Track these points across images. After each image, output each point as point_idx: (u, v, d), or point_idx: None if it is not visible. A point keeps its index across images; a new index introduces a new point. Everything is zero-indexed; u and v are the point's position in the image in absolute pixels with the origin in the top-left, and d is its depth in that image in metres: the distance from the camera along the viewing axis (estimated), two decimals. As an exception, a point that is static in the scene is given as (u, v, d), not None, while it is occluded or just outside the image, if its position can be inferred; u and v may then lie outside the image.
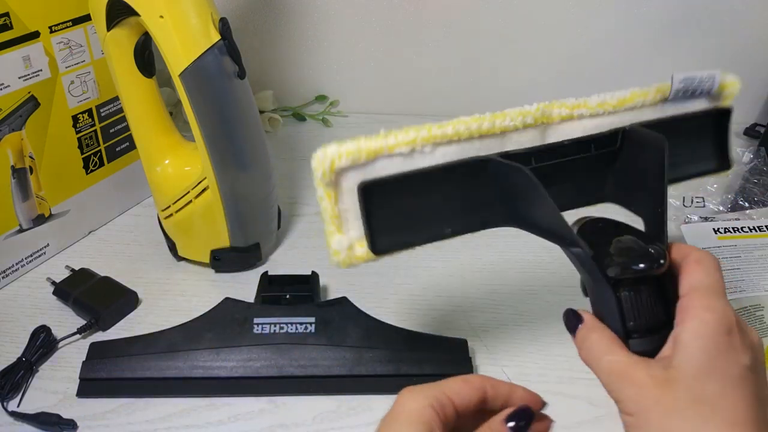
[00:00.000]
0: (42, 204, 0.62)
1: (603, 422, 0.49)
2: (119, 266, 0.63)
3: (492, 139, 0.38)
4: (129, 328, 0.57)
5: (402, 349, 0.52)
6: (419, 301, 0.61)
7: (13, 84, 0.56)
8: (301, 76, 0.91)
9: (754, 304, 0.56)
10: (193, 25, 0.50)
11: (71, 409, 0.50)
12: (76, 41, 0.60)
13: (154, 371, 0.51)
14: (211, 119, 0.53)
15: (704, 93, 0.42)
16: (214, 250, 0.61)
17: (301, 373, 0.51)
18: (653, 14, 0.83)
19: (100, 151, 0.66)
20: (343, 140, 0.35)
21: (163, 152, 0.60)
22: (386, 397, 0.51)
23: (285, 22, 0.86)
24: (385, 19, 0.85)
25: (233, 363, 0.51)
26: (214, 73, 0.52)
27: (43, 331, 0.54)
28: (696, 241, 0.62)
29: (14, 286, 0.61)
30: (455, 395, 0.32)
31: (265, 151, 0.59)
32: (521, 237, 0.44)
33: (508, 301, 0.60)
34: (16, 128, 0.58)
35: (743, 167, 0.77)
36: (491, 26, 0.85)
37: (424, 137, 0.37)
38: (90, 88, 0.63)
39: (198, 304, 0.57)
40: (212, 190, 0.57)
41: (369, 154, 0.36)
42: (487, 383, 0.33)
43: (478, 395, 0.32)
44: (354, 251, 0.38)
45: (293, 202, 0.74)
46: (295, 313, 0.54)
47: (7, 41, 0.55)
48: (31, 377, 0.52)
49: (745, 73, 0.47)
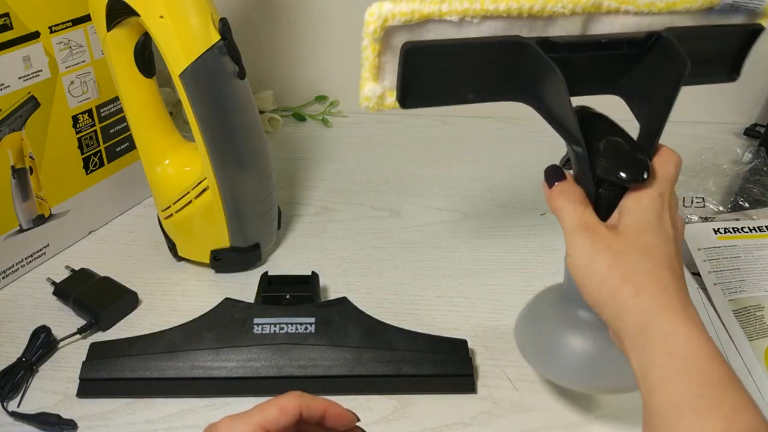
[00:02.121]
0: (42, 204, 0.62)
1: (603, 422, 0.49)
2: (119, 266, 0.63)
3: (538, 20, 0.40)
4: (129, 328, 0.57)
5: (402, 349, 0.52)
6: (419, 301, 0.61)
7: (13, 84, 0.56)
8: (301, 76, 0.91)
9: (754, 304, 0.56)
10: (193, 25, 0.50)
11: (71, 409, 0.50)
12: (76, 41, 0.60)
13: (154, 371, 0.51)
14: (211, 119, 0.53)
15: (749, 9, 0.44)
16: (214, 250, 0.61)
17: (301, 374, 0.51)
18: (653, 14, 0.83)
19: (100, 151, 0.66)
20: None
21: (163, 152, 0.60)
22: (386, 397, 0.51)
23: (285, 22, 0.86)
24: (385, 19, 0.85)
25: (233, 363, 0.51)
26: (214, 73, 0.52)
27: (43, 331, 0.54)
28: (696, 241, 0.62)
29: (14, 286, 0.61)
30: (271, 424, 0.32)
31: (265, 151, 0.59)
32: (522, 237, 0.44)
33: (508, 301, 0.60)
34: (16, 128, 0.58)
35: (743, 167, 0.77)
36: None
37: (476, 10, 0.38)
38: (90, 88, 0.63)
39: (198, 304, 0.57)
40: (212, 190, 0.57)
41: (421, 16, 0.37)
42: (303, 405, 0.33)
43: (294, 419, 0.33)
44: (384, 100, 0.41)
45: (293, 202, 0.74)
46: (295, 313, 0.54)
47: (7, 41, 0.55)
48: (31, 377, 0.52)
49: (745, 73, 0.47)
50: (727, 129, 0.90)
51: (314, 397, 0.34)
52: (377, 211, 0.73)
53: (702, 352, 0.34)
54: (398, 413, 0.50)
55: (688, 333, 0.34)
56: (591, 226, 0.39)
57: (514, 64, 0.41)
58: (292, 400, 0.33)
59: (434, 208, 0.73)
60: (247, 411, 0.33)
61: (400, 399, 0.51)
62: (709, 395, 0.32)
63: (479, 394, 0.51)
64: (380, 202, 0.74)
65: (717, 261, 0.60)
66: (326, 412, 0.34)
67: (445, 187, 0.77)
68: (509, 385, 0.52)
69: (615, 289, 0.37)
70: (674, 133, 0.90)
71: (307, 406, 0.33)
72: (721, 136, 0.88)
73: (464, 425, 0.49)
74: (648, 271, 0.37)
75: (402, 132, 0.89)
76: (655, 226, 0.38)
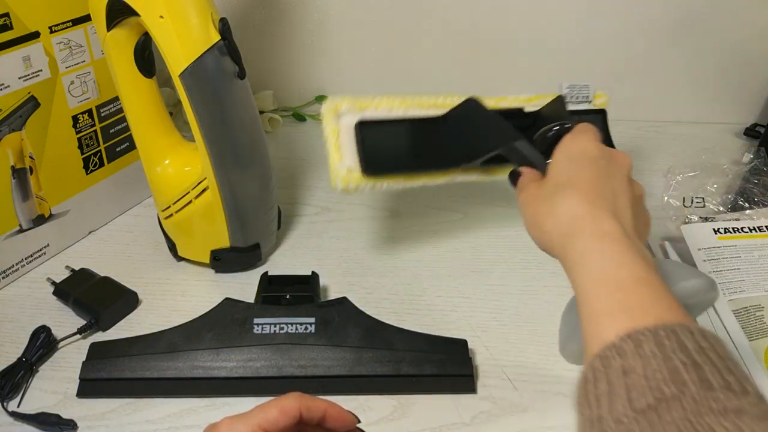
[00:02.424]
0: (42, 204, 0.62)
1: (603, 422, 0.49)
2: (119, 266, 0.63)
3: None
4: (129, 328, 0.57)
5: (402, 349, 0.52)
6: (419, 301, 0.61)
7: (13, 84, 0.56)
8: (301, 76, 0.91)
9: (754, 304, 0.56)
10: (193, 25, 0.50)
11: (71, 409, 0.50)
12: (76, 41, 0.60)
13: (154, 371, 0.51)
14: (211, 119, 0.53)
15: (584, 99, 0.60)
16: (214, 250, 0.61)
17: (301, 374, 0.51)
18: (653, 14, 0.83)
19: (100, 151, 0.66)
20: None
21: (163, 152, 0.60)
22: (386, 397, 0.51)
23: (285, 22, 0.86)
24: (385, 19, 0.85)
25: (233, 363, 0.51)
26: (214, 73, 0.52)
27: (43, 331, 0.54)
28: (696, 241, 0.62)
29: (14, 286, 0.62)
30: (271, 426, 0.32)
31: (265, 151, 0.59)
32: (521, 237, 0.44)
33: (508, 301, 0.60)
34: (16, 128, 0.58)
35: (743, 167, 0.77)
36: (491, 26, 0.85)
37: (398, 104, 0.55)
38: (90, 88, 0.63)
39: (198, 304, 0.57)
40: (212, 190, 0.57)
41: (361, 106, 0.54)
42: (303, 407, 0.33)
43: (294, 420, 0.33)
44: (351, 174, 0.52)
45: (293, 202, 0.74)
46: (295, 313, 0.54)
47: (7, 41, 0.55)
48: (31, 377, 0.52)
49: (745, 73, 0.47)
50: (727, 129, 0.90)
51: (314, 398, 0.34)
52: (377, 211, 0.73)
53: (613, 263, 0.37)
54: (398, 413, 0.50)
55: (600, 250, 0.38)
56: (523, 187, 0.46)
57: (440, 134, 0.55)
58: (292, 401, 0.33)
59: (434, 208, 0.73)
60: (247, 412, 0.33)
61: (400, 399, 0.51)
62: (618, 299, 0.35)
63: (479, 394, 0.51)
64: (380, 202, 0.74)
65: (717, 261, 0.60)
66: (326, 414, 0.34)
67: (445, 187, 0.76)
68: (509, 385, 0.52)
69: (543, 231, 0.42)
70: (675, 133, 0.91)
71: (307, 408, 0.33)
72: (721, 136, 0.88)
73: (464, 425, 0.49)
74: (561, 203, 0.41)
75: (402, 132, 0.89)
76: (577, 161, 0.44)
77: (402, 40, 0.87)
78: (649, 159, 0.83)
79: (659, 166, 0.79)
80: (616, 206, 0.41)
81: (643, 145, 0.86)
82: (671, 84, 0.89)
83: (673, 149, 0.85)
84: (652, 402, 0.29)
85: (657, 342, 0.31)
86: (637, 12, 0.82)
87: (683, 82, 0.89)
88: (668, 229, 0.68)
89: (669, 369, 0.30)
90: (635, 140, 0.87)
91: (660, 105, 0.91)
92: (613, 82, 0.89)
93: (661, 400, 0.29)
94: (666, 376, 0.30)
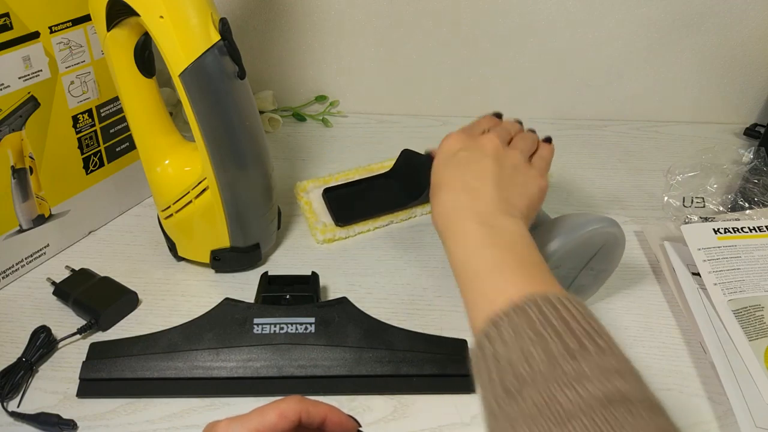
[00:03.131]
0: (42, 204, 0.62)
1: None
2: (119, 266, 0.63)
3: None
4: (129, 328, 0.57)
5: (402, 349, 0.52)
6: (419, 301, 0.61)
7: (13, 84, 0.56)
8: (301, 76, 0.91)
9: (754, 304, 0.56)
10: (193, 25, 0.50)
11: (71, 409, 0.50)
12: (76, 41, 0.60)
13: (154, 371, 0.51)
14: (211, 119, 0.53)
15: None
16: (214, 250, 0.61)
17: (301, 374, 0.51)
18: (653, 14, 0.83)
19: (100, 152, 0.66)
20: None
21: (163, 152, 0.60)
22: (386, 397, 0.51)
23: (285, 22, 0.86)
24: (385, 19, 0.85)
25: (233, 363, 0.51)
26: (214, 73, 0.52)
27: (43, 331, 0.54)
28: (696, 241, 0.62)
29: (14, 286, 0.62)
30: (269, 430, 0.32)
31: (265, 151, 0.59)
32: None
33: (508, 301, 0.60)
34: (16, 128, 0.58)
35: (743, 167, 0.77)
36: (492, 26, 0.85)
37: (352, 174, 0.76)
38: (90, 88, 0.63)
39: (198, 304, 0.57)
40: (212, 190, 0.57)
41: (324, 181, 0.74)
42: (303, 411, 0.33)
43: (293, 425, 0.33)
44: (326, 227, 0.68)
45: (293, 202, 0.74)
46: (295, 313, 0.54)
47: (7, 41, 0.55)
48: (31, 377, 0.52)
49: (745, 73, 0.47)
50: (727, 129, 0.90)
51: (315, 402, 0.34)
52: (377, 211, 0.73)
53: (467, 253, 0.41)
54: (398, 413, 0.50)
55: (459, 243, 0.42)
56: None
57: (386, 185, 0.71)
58: (292, 405, 0.33)
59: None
60: (246, 414, 0.32)
61: (400, 399, 0.51)
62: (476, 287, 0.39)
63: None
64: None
65: (717, 261, 0.60)
66: (327, 419, 0.34)
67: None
68: (509, 385, 0.52)
69: (437, 231, 0.46)
70: (675, 133, 0.90)
71: (306, 412, 0.33)
72: (721, 136, 0.88)
73: (464, 425, 0.49)
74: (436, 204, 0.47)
75: (402, 132, 0.89)
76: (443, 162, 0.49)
77: (402, 40, 0.87)
78: (649, 159, 0.83)
79: (659, 166, 0.79)
80: (480, 191, 0.45)
81: (643, 145, 0.86)
82: (671, 84, 0.89)
83: (673, 149, 0.85)
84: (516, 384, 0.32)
85: (511, 323, 0.34)
86: (637, 12, 0.82)
87: (683, 82, 0.89)
88: (668, 229, 0.68)
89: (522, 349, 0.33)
90: (635, 140, 0.87)
91: (660, 105, 0.91)
92: (613, 81, 0.89)
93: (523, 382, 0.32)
94: (521, 357, 0.33)
